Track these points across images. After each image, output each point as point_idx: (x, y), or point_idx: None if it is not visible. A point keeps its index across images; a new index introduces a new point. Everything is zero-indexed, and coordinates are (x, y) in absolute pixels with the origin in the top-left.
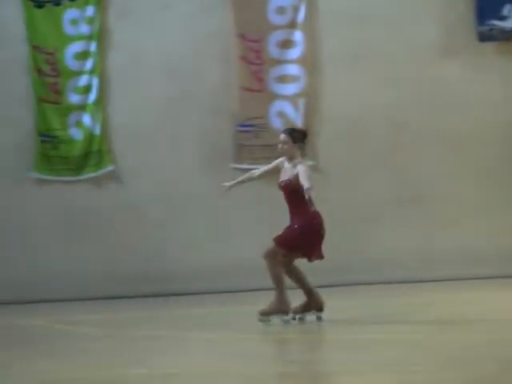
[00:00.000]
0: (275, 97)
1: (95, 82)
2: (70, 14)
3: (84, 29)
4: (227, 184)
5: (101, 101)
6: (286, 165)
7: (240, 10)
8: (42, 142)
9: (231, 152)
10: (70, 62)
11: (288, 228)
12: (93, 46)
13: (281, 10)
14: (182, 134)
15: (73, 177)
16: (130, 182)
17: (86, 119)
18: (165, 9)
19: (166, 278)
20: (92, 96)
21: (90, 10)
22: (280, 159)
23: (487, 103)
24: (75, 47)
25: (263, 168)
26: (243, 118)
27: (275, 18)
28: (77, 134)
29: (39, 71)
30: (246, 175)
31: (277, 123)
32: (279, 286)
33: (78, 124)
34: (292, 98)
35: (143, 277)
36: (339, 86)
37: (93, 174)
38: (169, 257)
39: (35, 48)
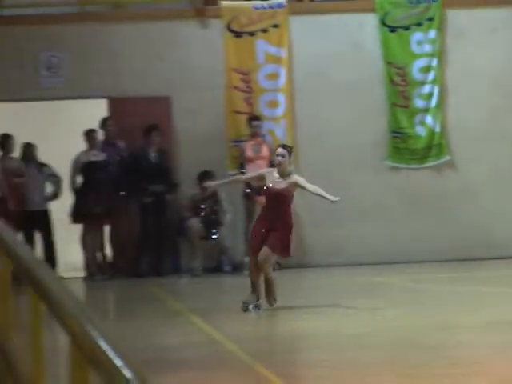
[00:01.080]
0: None
1: (435, 90)
2: (416, 36)
3: (427, 48)
4: (212, 183)
5: (440, 105)
6: (276, 175)
7: None
8: (394, 137)
9: None
10: (416, 75)
11: (280, 236)
12: (434, 62)
13: None
14: (502, 132)
15: (418, 165)
16: (463, 170)
17: (428, 119)
18: (492, 32)
19: (491, 246)
20: (433, 101)
21: (432, 33)
22: (264, 170)
23: None
24: (420, 63)
25: (250, 175)
26: None
27: None
28: (421, 131)
29: (392, 82)
30: (233, 178)
31: None
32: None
33: (422, 123)
34: None
35: (471, 245)
36: None
37: (434, 163)
38: (490, 228)
39: (389, 64)
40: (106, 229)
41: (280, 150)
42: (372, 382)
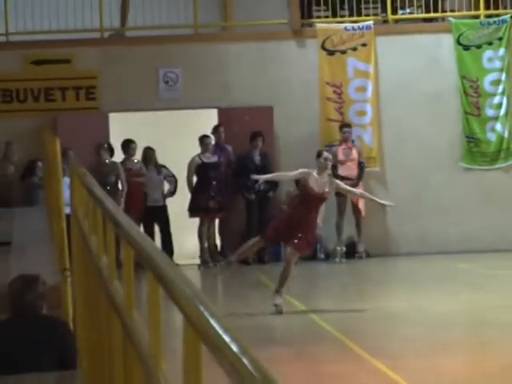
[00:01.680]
0: None
1: (504, 100)
2: (487, 54)
3: (497, 64)
4: (258, 176)
5: (508, 113)
6: (317, 177)
7: None
8: (468, 142)
9: None
10: (487, 87)
11: (310, 235)
12: (503, 76)
13: None
14: None
15: (488, 166)
16: None
17: (498, 126)
18: None
19: None
20: (502, 110)
21: (501, 51)
22: (304, 170)
23: None
24: (491, 77)
25: (292, 173)
26: None
27: None
28: (491, 137)
29: (466, 93)
30: (277, 175)
31: None
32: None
33: (493, 130)
34: None
35: None
36: None
37: (503, 165)
38: None
39: (463, 77)
40: (217, 221)
41: (326, 154)
42: (451, 354)
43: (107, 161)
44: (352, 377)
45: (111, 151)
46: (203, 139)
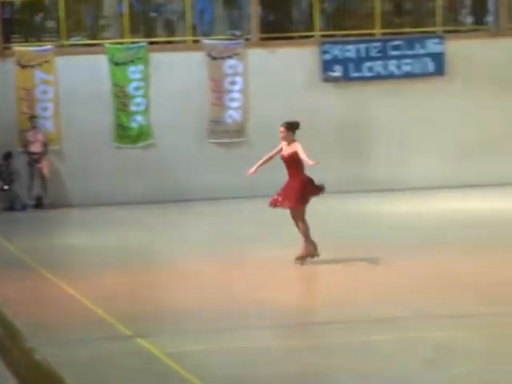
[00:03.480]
0: None
1: (144, 100)
2: (131, 68)
3: (138, 75)
4: (252, 170)
5: (146, 109)
6: (285, 146)
7: None
8: (118, 128)
9: None
10: (132, 91)
11: (291, 188)
12: (142, 83)
13: None
14: (185, 124)
15: (132, 145)
16: (160, 148)
17: (139, 118)
18: (176, 67)
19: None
20: (142, 107)
21: (140, 67)
22: (280, 145)
23: None
24: (134, 84)
25: (274, 151)
26: None
27: None
28: (135, 125)
29: (117, 96)
30: (265, 159)
31: None
32: (307, 236)
33: (135, 120)
34: None
35: (162, 192)
36: None
37: (143, 144)
38: (174, 178)
39: (115, 85)
40: None
41: (280, 129)
42: (114, 274)
43: None
44: (42, 291)
45: None
46: None
